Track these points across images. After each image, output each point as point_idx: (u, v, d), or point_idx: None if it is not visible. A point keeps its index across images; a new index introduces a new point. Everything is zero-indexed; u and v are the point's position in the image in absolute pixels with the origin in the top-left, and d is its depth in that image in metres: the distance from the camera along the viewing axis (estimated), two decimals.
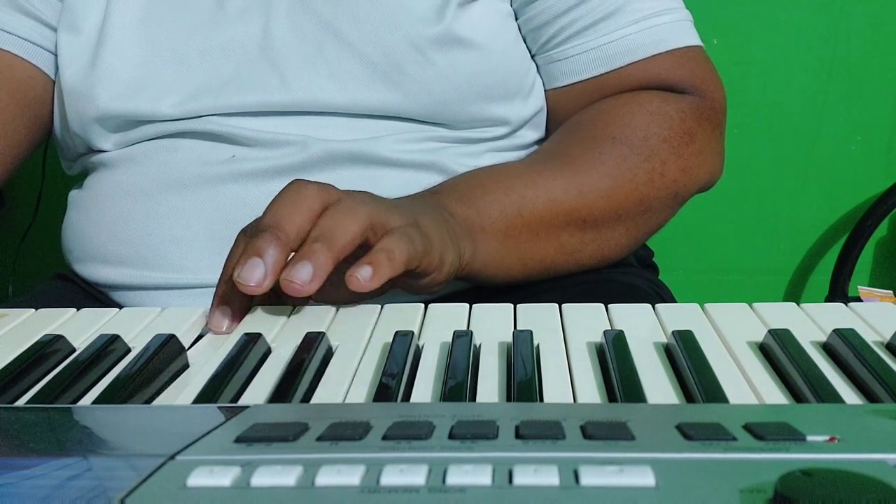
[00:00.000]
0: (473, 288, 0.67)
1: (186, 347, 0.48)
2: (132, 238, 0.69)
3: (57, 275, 0.78)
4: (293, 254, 0.52)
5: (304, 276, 0.48)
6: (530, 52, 0.74)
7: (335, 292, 0.54)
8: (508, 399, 0.40)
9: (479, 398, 0.40)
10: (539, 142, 0.77)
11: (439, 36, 0.68)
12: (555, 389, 0.41)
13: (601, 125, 0.70)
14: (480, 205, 0.63)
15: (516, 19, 0.73)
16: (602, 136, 0.69)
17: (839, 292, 1.33)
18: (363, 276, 0.49)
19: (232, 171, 0.68)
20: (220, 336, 0.51)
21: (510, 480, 0.27)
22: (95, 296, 0.72)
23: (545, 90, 0.75)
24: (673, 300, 0.74)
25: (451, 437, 0.31)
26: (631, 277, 0.74)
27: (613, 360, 0.42)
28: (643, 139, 0.68)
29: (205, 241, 0.67)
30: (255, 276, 0.49)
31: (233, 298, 0.52)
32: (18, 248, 0.97)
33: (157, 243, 0.68)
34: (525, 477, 0.27)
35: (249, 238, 0.52)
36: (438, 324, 0.50)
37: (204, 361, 0.46)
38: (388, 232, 0.52)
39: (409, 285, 0.56)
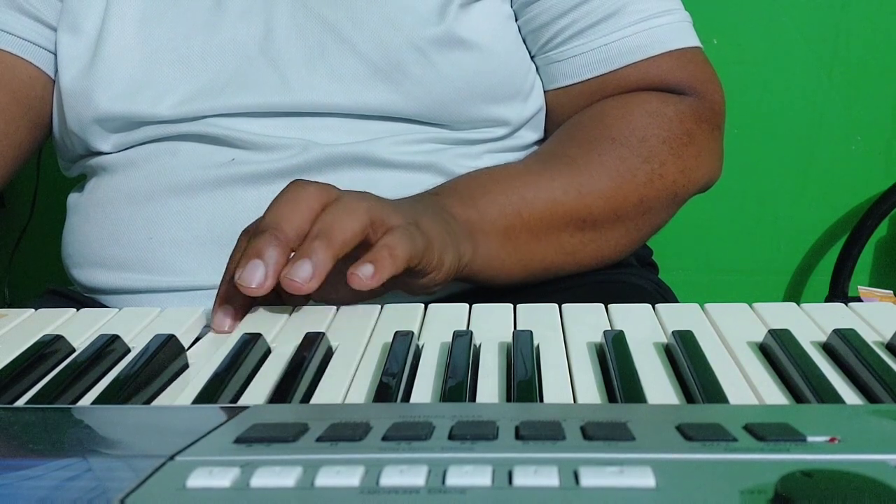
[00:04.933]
0: (476, 289, 0.67)
1: (186, 347, 0.48)
2: (132, 242, 0.69)
3: (49, 290, 0.78)
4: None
5: (304, 275, 0.48)
6: (530, 52, 0.74)
7: (335, 292, 0.54)
8: (508, 399, 0.40)
9: (479, 398, 0.40)
10: (538, 142, 0.77)
11: (440, 36, 0.68)
12: (555, 389, 0.41)
13: (600, 126, 0.70)
14: (480, 205, 0.63)
15: (516, 20, 0.73)
16: (601, 137, 0.69)
17: (839, 292, 1.33)
18: (365, 273, 0.49)
19: (231, 174, 0.68)
20: (220, 336, 0.51)
21: (510, 481, 0.27)
22: (91, 307, 0.72)
23: (545, 91, 0.75)
24: (675, 300, 0.74)
25: (450, 437, 0.31)
26: (635, 278, 0.74)
27: (613, 360, 0.42)
28: (641, 140, 0.68)
29: (205, 245, 0.67)
30: (255, 277, 0.49)
31: (235, 298, 0.52)
32: (14, 250, 0.97)
33: (157, 247, 0.68)
34: (525, 478, 0.27)
35: (249, 239, 0.52)
36: (438, 324, 0.50)
37: (204, 361, 0.46)
38: (388, 229, 0.52)
39: (408, 284, 0.56)
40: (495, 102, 0.71)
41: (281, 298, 0.54)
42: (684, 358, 0.42)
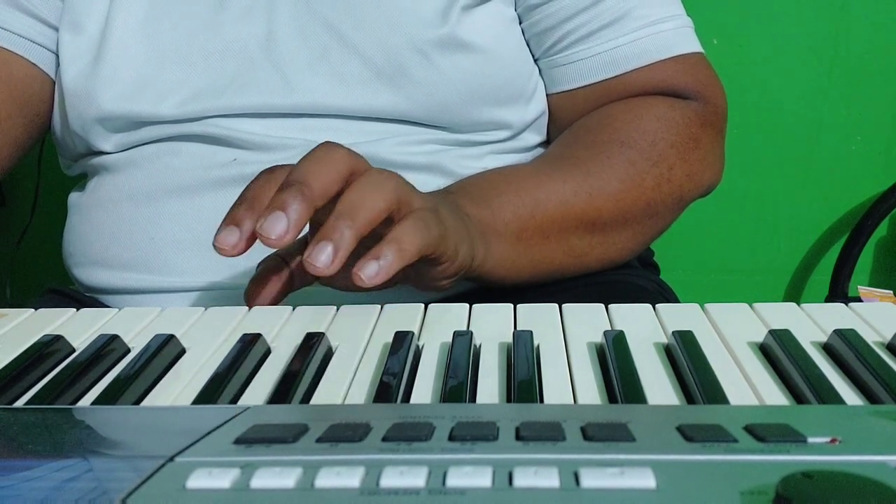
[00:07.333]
0: (477, 289, 0.67)
1: (186, 347, 0.48)
2: (134, 242, 0.68)
3: (50, 290, 0.78)
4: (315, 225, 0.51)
5: (325, 259, 0.48)
6: (534, 56, 0.74)
7: (342, 279, 0.53)
8: (508, 399, 0.40)
9: (479, 398, 0.40)
10: (541, 145, 0.77)
11: (443, 39, 0.68)
12: (555, 390, 0.41)
13: (609, 129, 0.70)
14: (494, 206, 0.63)
15: (520, 23, 0.73)
16: (611, 141, 0.69)
17: (839, 292, 1.34)
18: (368, 274, 0.48)
19: (233, 174, 0.68)
20: (220, 336, 0.51)
21: (510, 482, 0.27)
22: (92, 307, 0.72)
23: (549, 94, 0.75)
24: (676, 300, 0.74)
25: (451, 438, 0.31)
26: (636, 279, 0.74)
27: (613, 361, 0.42)
28: (651, 144, 0.68)
29: (206, 245, 0.66)
30: (276, 229, 0.49)
31: (243, 223, 0.51)
32: (15, 249, 0.97)
33: (158, 247, 0.68)
34: (525, 479, 0.27)
35: (276, 191, 0.50)
36: (438, 324, 0.50)
37: (204, 361, 0.46)
38: (405, 215, 0.51)
39: (419, 275, 0.56)
40: (497, 105, 0.71)
41: (294, 284, 0.55)
42: (684, 358, 0.42)
